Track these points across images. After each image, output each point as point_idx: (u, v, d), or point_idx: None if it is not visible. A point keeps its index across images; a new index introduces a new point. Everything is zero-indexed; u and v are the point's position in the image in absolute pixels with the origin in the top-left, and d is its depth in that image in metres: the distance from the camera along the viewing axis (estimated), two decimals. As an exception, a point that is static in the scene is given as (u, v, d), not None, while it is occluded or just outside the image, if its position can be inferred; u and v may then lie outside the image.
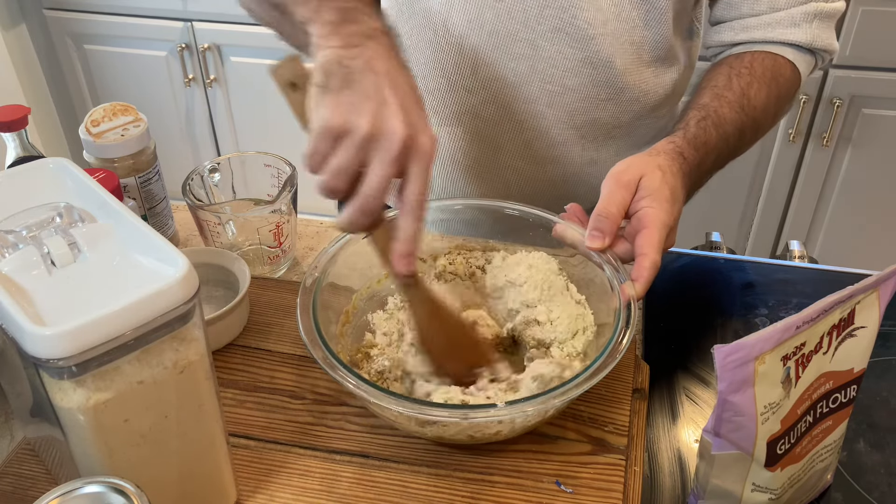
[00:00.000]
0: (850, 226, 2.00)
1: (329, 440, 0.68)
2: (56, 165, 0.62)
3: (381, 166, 0.57)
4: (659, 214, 0.70)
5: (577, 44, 0.87)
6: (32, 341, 0.47)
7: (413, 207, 0.60)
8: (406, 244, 0.61)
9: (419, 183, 0.59)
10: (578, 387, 0.61)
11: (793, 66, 0.89)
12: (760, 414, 0.55)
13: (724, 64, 0.89)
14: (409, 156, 0.58)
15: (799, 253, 1.03)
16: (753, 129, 0.86)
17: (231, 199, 0.89)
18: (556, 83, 0.89)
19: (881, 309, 0.59)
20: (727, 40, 0.91)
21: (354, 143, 0.57)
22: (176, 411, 0.55)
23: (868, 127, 1.85)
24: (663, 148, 0.77)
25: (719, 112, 0.82)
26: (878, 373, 0.76)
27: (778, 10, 0.87)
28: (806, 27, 0.88)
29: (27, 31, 2.26)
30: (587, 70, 0.89)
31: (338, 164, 0.58)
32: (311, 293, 0.69)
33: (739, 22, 0.90)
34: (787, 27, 0.88)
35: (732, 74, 0.86)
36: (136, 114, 0.87)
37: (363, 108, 0.57)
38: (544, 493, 0.64)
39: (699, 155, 0.78)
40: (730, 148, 0.83)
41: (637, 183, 0.72)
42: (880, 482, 0.67)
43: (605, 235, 0.70)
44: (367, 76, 0.58)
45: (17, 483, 0.65)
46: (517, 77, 0.89)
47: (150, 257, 0.53)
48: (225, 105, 2.21)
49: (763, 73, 0.86)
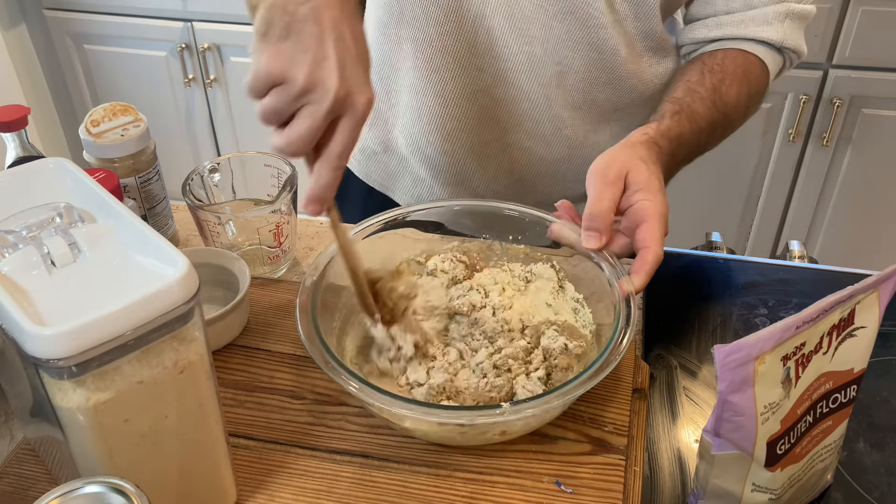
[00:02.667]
0: (850, 226, 2.00)
1: (329, 440, 0.68)
2: (56, 165, 0.62)
3: (310, 118, 0.58)
4: (656, 206, 0.71)
5: (586, 28, 0.89)
6: (32, 341, 0.47)
7: (332, 158, 0.60)
8: (316, 189, 0.61)
9: (345, 137, 0.60)
10: (580, 387, 0.61)
11: (762, 64, 0.92)
12: (760, 414, 0.55)
13: (698, 61, 0.91)
14: (342, 112, 0.59)
15: (799, 253, 1.03)
16: (724, 125, 0.88)
17: (231, 199, 0.89)
18: (565, 64, 0.91)
19: (881, 309, 0.59)
20: (701, 37, 0.93)
21: (289, 93, 0.58)
22: (176, 411, 0.55)
23: (868, 127, 1.85)
24: (638, 139, 0.78)
25: (692, 106, 0.84)
26: (878, 373, 0.76)
27: (752, 8, 0.90)
28: (778, 26, 0.90)
29: (27, 31, 2.26)
30: (593, 54, 0.91)
31: (271, 106, 0.59)
32: (311, 294, 0.69)
33: (714, 19, 0.92)
34: (759, 25, 0.90)
35: (705, 70, 0.88)
36: (136, 114, 0.87)
37: (301, 60, 0.57)
38: (544, 493, 0.64)
39: (672, 146, 0.80)
40: (701, 142, 0.85)
41: (625, 178, 0.72)
42: (880, 482, 0.67)
43: (601, 234, 0.71)
44: (309, 26, 0.58)
45: (17, 483, 0.65)
46: (530, 59, 0.91)
47: (150, 257, 0.53)
48: (225, 105, 2.21)
49: (734, 69, 0.89)
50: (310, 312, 0.67)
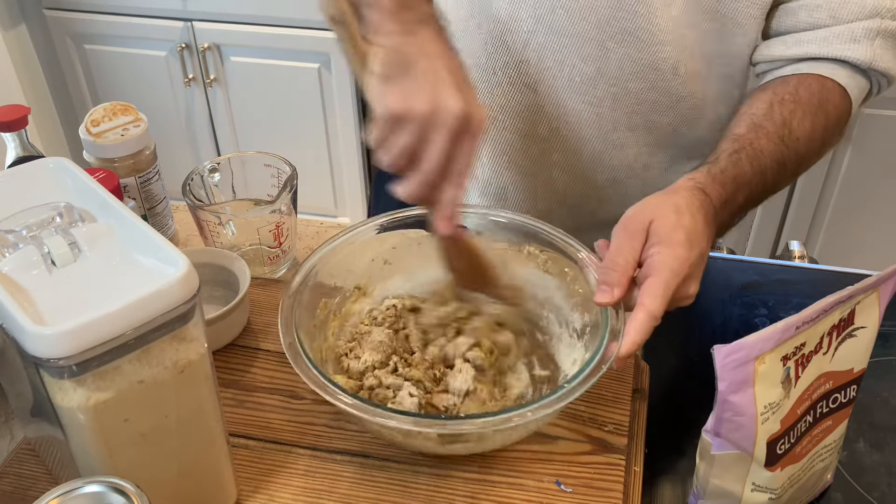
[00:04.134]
0: (850, 226, 2.00)
1: (329, 440, 0.68)
2: (56, 165, 0.62)
3: (440, 142, 0.61)
4: (666, 261, 0.65)
5: (646, 48, 0.85)
6: (33, 341, 0.47)
7: (457, 176, 0.63)
8: (447, 207, 0.64)
9: (467, 155, 0.62)
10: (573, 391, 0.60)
11: (843, 92, 0.82)
12: (760, 414, 0.55)
13: (768, 90, 0.83)
14: (465, 131, 0.61)
15: (799, 253, 1.03)
16: (796, 162, 0.80)
17: (231, 199, 0.89)
18: (620, 86, 0.88)
19: (881, 309, 0.59)
20: (777, 55, 0.85)
21: (415, 124, 0.61)
22: (176, 411, 0.55)
23: (868, 127, 1.85)
24: (683, 185, 0.72)
25: (755, 144, 0.77)
26: (878, 373, 0.76)
27: (838, 24, 0.81)
28: (867, 44, 0.80)
29: (27, 31, 2.25)
30: (652, 75, 0.87)
31: (401, 146, 0.62)
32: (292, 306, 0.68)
33: (794, 36, 0.84)
34: (845, 42, 0.81)
35: (775, 102, 0.80)
36: (136, 114, 0.87)
37: (420, 92, 0.61)
38: (544, 493, 0.64)
39: (726, 191, 0.73)
40: (767, 183, 0.78)
41: (647, 229, 0.67)
42: (880, 482, 0.67)
43: (613, 288, 0.65)
44: (422, 60, 0.62)
45: (17, 483, 0.65)
46: (583, 78, 0.88)
47: (150, 257, 0.53)
48: (225, 105, 2.21)
49: (809, 99, 0.81)
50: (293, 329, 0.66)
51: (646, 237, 0.67)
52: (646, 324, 0.63)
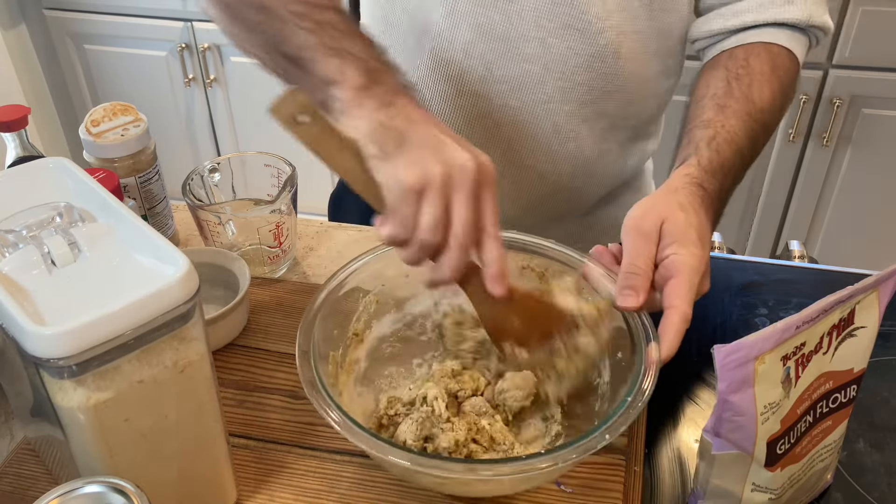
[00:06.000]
0: (850, 226, 2.00)
1: (329, 440, 0.68)
2: (56, 165, 0.62)
3: (465, 199, 0.59)
4: (687, 260, 0.65)
5: (587, 38, 0.86)
6: (33, 341, 0.47)
7: (491, 230, 0.61)
8: (494, 264, 0.61)
9: (492, 204, 0.61)
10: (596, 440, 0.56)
11: (789, 53, 0.85)
12: (760, 414, 0.55)
13: (719, 67, 0.85)
14: (482, 181, 0.60)
15: (799, 253, 1.03)
16: (765, 133, 0.82)
17: (231, 199, 0.89)
18: (568, 79, 0.89)
19: (881, 309, 0.59)
20: (717, 28, 0.87)
21: (436, 191, 0.58)
22: (176, 411, 0.55)
23: (868, 127, 1.85)
24: (680, 183, 0.72)
25: (727, 126, 0.77)
26: (878, 373, 0.76)
27: None
28: (801, 3, 0.84)
29: (27, 31, 2.26)
30: (596, 64, 0.88)
31: (431, 217, 0.58)
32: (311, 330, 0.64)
33: (729, 7, 0.87)
34: (780, 6, 0.84)
35: (730, 78, 0.82)
36: (136, 114, 0.87)
37: (428, 156, 0.59)
38: (544, 493, 0.64)
39: (718, 181, 0.74)
40: (745, 161, 0.79)
41: (659, 229, 0.67)
42: (880, 482, 0.67)
43: (639, 293, 0.64)
44: (412, 128, 0.60)
45: (17, 483, 0.65)
46: (530, 77, 0.89)
47: (150, 257, 0.53)
48: (225, 105, 2.21)
49: (762, 68, 0.83)
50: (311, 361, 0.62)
51: (659, 237, 0.67)
52: (682, 326, 0.63)
